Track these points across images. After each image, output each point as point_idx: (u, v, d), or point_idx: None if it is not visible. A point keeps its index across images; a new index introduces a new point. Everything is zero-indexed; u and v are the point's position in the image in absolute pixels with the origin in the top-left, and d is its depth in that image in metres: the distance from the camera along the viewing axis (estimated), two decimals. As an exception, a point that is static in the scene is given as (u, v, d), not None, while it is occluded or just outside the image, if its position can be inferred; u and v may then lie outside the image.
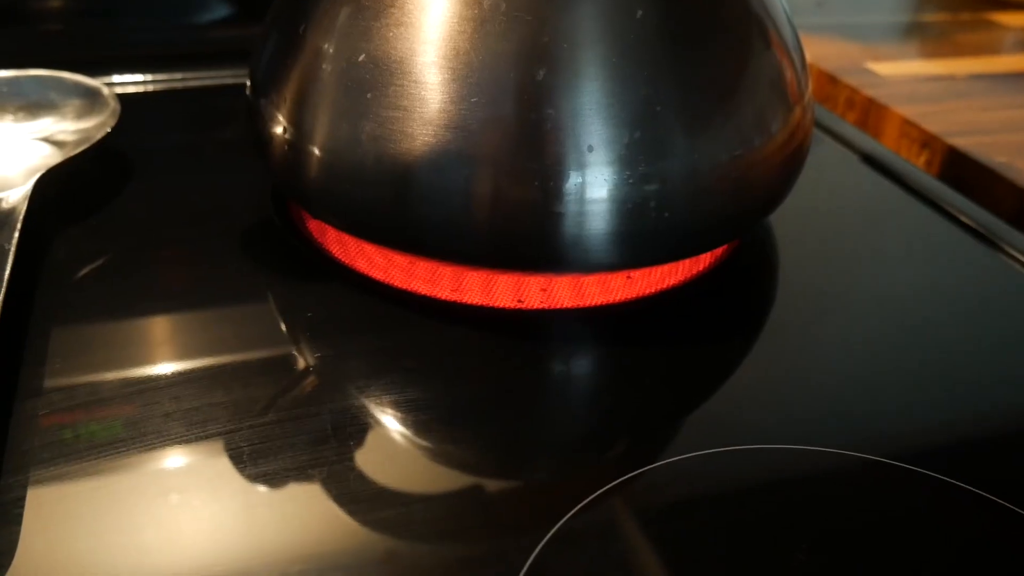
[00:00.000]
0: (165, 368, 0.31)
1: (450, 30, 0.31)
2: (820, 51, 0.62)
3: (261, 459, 0.27)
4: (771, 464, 0.29)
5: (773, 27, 0.36)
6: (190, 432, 0.28)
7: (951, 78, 0.59)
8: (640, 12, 0.32)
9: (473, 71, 0.31)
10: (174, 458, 0.28)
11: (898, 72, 0.59)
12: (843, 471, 0.29)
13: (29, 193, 0.35)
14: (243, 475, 0.27)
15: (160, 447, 0.28)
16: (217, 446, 0.28)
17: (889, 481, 0.29)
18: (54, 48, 0.52)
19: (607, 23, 0.31)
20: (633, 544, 0.26)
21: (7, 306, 0.30)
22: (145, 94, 0.51)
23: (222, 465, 0.27)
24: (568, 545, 0.25)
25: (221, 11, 0.55)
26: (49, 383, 0.30)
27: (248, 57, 0.39)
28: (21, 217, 0.33)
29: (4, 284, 0.29)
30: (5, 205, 0.33)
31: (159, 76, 0.53)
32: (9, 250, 0.30)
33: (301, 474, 0.27)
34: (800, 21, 0.67)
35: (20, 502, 0.26)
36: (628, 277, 0.37)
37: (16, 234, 0.31)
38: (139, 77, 0.52)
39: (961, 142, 0.50)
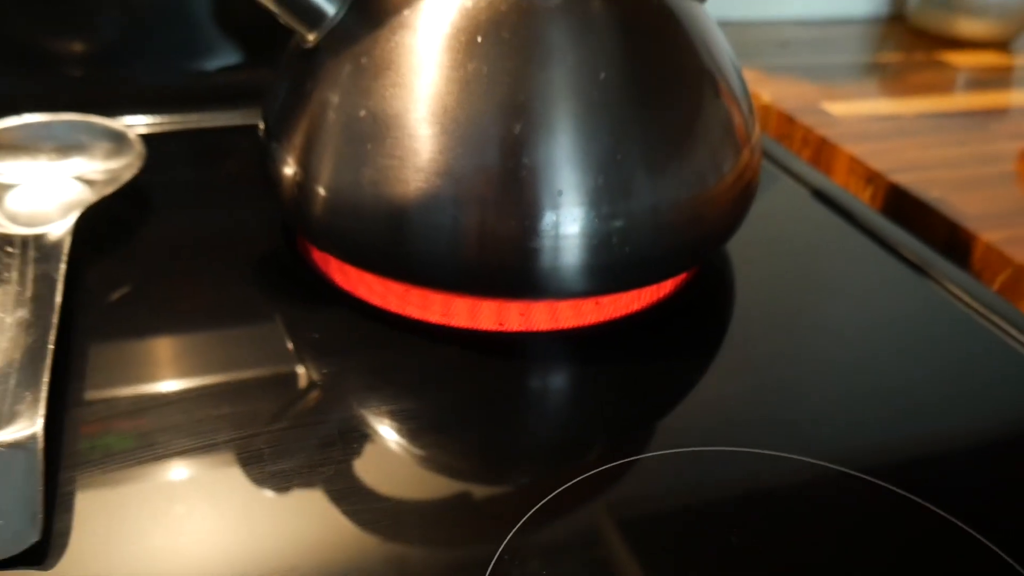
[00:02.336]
0: (191, 382, 0.35)
1: (439, 90, 0.35)
2: (780, 91, 0.66)
3: (278, 459, 0.31)
4: (718, 463, 0.33)
5: (722, 79, 0.40)
6: (215, 438, 0.32)
7: (898, 118, 0.62)
8: (603, 74, 0.35)
9: (459, 126, 0.35)
10: (200, 461, 0.31)
11: (850, 112, 0.62)
12: (779, 470, 0.33)
13: (72, 227, 0.38)
14: (261, 474, 0.31)
15: (192, 451, 0.32)
16: (239, 448, 0.32)
17: (821, 481, 0.33)
18: (77, 91, 0.54)
19: (575, 84, 0.35)
20: (594, 529, 0.30)
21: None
22: (162, 134, 0.54)
23: (245, 466, 0.31)
24: (537, 528, 0.29)
25: (229, 58, 0.58)
26: (90, 395, 0.34)
27: (255, 100, 0.42)
28: (67, 249, 0.36)
29: (57, 308, 0.33)
30: (51, 238, 0.37)
31: (174, 117, 0.55)
32: (57, 279, 0.34)
33: (312, 473, 0.31)
34: (764, 61, 0.72)
35: (71, 495, 0.30)
36: (597, 303, 0.40)
37: (63, 264, 0.35)
38: (156, 119, 0.55)
39: (902, 178, 0.53)
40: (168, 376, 0.35)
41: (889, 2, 0.87)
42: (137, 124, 0.54)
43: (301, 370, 0.37)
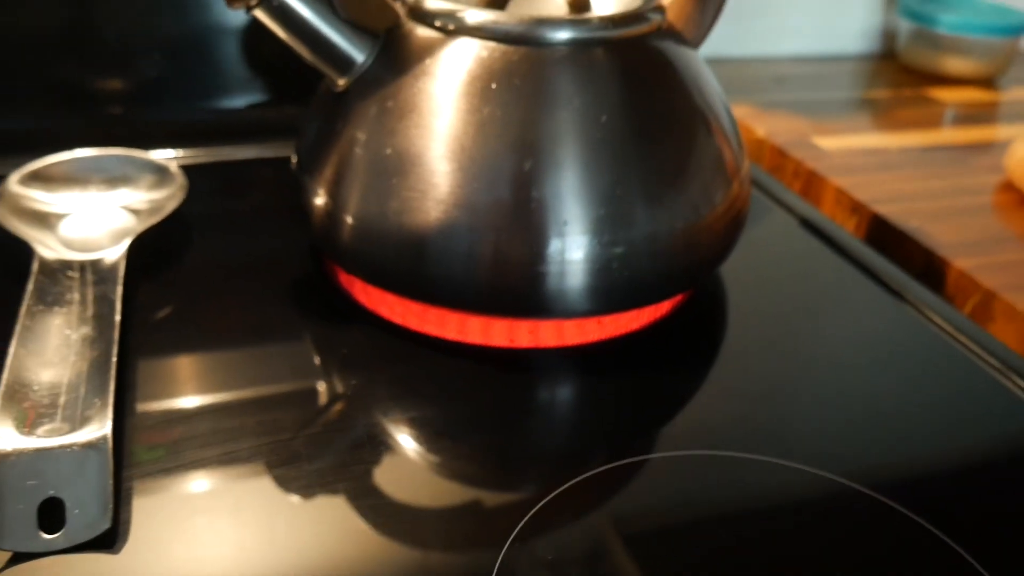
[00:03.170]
0: (231, 393, 0.39)
1: (457, 131, 0.38)
2: (775, 126, 0.69)
3: (315, 460, 0.35)
4: (709, 465, 0.37)
5: (713, 118, 0.43)
6: (257, 440, 0.36)
7: (884, 151, 0.65)
8: (605, 117, 0.39)
9: (475, 163, 0.38)
10: (243, 463, 0.35)
11: (839, 146, 0.66)
12: (764, 472, 0.36)
13: (126, 252, 0.42)
14: (300, 472, 0.34)
15: (235, 453, 0.35)
16: (279, 449, 0.35)
17: (801, 483, 0.36)
18: (118, 127, 0.58)
19: (579, 125, 0.38)
20: (594, 521, 0.34)
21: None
22: (195, 165, 0.57)
23: (285, 466, 0.35)
24: (543, 521, 0.33)
25: (257, 95, 0.61)
26: (142, 404, 0.37)
27: (281, 134, 0.46)
28: (122, 272, 0.40)
29: (117, 326, 0.37)
30: (106, 263, 0.41)
31: (206, 150, 0.59)
32: (115, 300, 0.38)
33: (345, 471, 0.35)
34: (760, 97, 0.76)
35: (131, 490, 0.33)
36: (599, 322, 0.43)
37: (119, 287, 0.39)
38: (189, 151, 0.59)
39: (884, 209, 0.57)
40: (210, 388, 0.39)
41: (881, 40, 0.91)
42: (172, 157, 0.58)
43: (331, 382, 0.40)
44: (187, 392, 0.39)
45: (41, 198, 0.46)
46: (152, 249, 0.47)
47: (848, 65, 0.87)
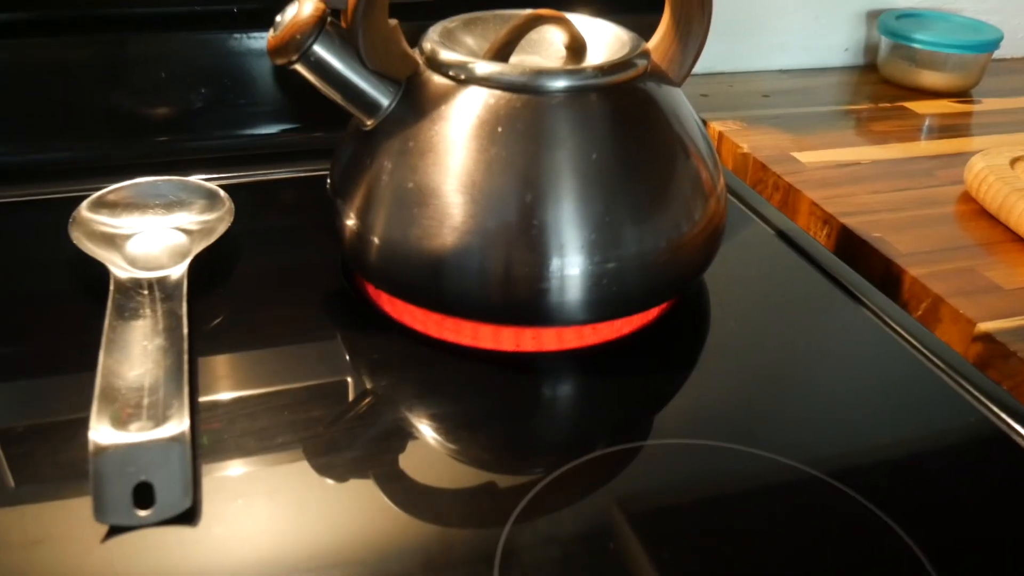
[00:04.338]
0: (278, 391, 0.44)
1: (468, 168, 0.43)
2: (759, 141, 0.74)
3: (350, 448, 0.41)
4: (690, 452, 0.42)
5: (691, 143, 0.48)
6: (304, 433, 0.42)
7: (856, 164, 0.70)
8: (595, 154, 0.44)
9: (484, 195, 0.43)
10: (291, 449, 0.41)
11: (816, 160, 0.70)
12: (737, 459, 0.42)
13: (187, 271, 0.48)
14: (338, 459, 0.40)
15: (286, 444, 0.41)
16: (319, 439, 0.41)
17: (769, 469, 0.41)
18: (167, 153, 0.64)
19: (573, 162, 0.44)
20: (589, 498, 0.39)
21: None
22: (234, 186, 0.60)
23: (325, 455, 0.41)
24: (545, 498, 0.39)
25: (289, 123, 0.67)
26: (206, 401, 0.43)
27: (311, 156, 0.53)
28: (185, 289, 0.46)
29: (185, 337, 0.43)
30: (171, 280, 0.47)
31: (244, 172, 0.64)
32: (181, 314, 0.44)
33: (376, 458, 0.40)
34: (747, 113, 0.81)
35: (200, 475, 0.40)
36: (594, 328, 0.48)
37: (184, 303, 0.45)
38: (230, 173, 0.64)
39: (850, 221, 0.61)
40: (259, 387, 0.45)
41: (864, 53, 0.96)
42: (213, 178, 0.62)
43: (362, 382, 0.46)
44: (241, 391, 0.44)
45: (108, 222, 0.52)
46: (203, 264, 0.52)
47: (832, 78, 0.91)
